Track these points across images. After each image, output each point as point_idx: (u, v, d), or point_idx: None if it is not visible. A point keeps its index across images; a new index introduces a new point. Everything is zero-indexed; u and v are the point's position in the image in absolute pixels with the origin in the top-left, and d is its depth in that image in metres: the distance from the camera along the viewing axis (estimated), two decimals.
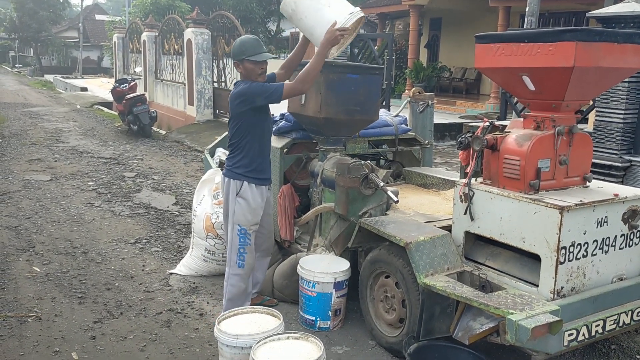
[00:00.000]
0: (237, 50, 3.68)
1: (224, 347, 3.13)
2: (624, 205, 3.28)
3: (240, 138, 3.78)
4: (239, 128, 3.76)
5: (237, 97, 3.69)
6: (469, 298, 3.09)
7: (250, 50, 3.65)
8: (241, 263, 3.88)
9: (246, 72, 3.70)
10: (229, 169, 3.86)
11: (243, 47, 3.66)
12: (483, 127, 3.60)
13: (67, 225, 6.31)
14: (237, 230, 3.84)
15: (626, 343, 3.84)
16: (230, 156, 3.88)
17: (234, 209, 3.82)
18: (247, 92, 3.64)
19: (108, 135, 13.13)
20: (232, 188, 3.82)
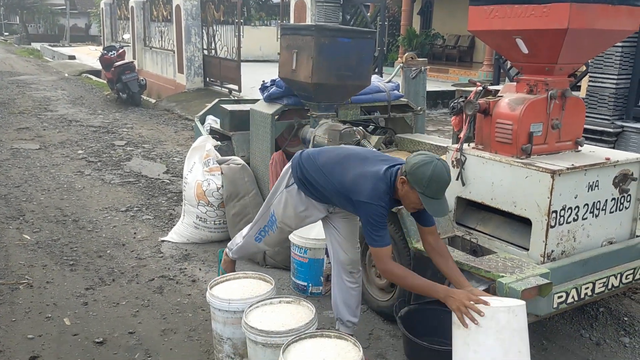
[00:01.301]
0: (420, 178, 2.67)
1: (217, 312, 3.14)
2: (615, 169, 3.29)
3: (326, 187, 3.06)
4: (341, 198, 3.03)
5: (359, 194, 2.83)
6: (460, 262, 3.10)
7: (431, 193, 2.69)
8: (259, 238, 3.52)
9: (404, 193, 2.78)
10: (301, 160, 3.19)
11: (430, 182, 2.66)
12: (476, 92, 3.56)
13: (57, 193, 6.27)
14: (271, 214, 3.40)
15: (614, 306, 3.90)
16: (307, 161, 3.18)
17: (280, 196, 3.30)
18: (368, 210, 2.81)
19: (97, 103, 12.98)
20: (287, 177, 3.27)
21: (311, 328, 2.86)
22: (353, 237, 3.34)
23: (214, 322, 3.20)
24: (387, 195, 2.82)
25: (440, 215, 2.83)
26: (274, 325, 2.84)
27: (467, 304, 2.51)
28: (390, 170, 2.86)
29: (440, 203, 2.74)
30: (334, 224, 3.30)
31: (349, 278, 3.31)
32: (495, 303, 2.50)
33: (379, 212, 2.79)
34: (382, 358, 3.32)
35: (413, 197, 2.74)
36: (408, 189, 2.74)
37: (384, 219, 2.81)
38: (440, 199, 2.73)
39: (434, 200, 2.70)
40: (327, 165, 3.07)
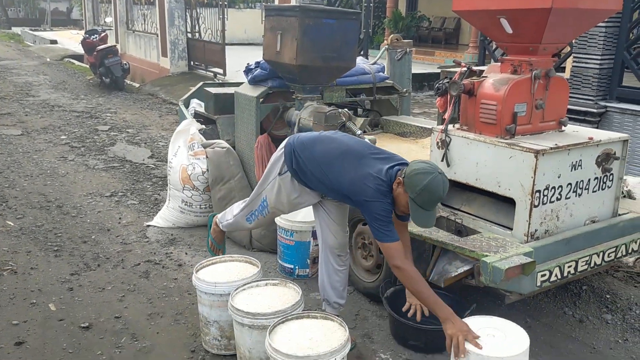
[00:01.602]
0: (415, 185, 2.68)
1: (203, 295, 3.14)
2: (598, 149, 3.31)
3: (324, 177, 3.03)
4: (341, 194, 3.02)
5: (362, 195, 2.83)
6: (445, 242, 3.12)
7: (426, 201, 2.70)
8: (250, 219, 3.50)
9: (397, 194, 2.80)
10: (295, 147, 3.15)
11: (422, 191, 2.67)
12: (460, 72, 3.55)
13: (41, 179, 6.20)
14: (262, 199, 3.37)
15: (597, 284, 3.95)
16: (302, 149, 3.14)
17: (272, 184, 3.27)
18: (373, 206, 2.80)
19: (80, 88, 12.80)
20: (280, 164, 3.22)
21: (297, 309, 2.87)
22: (343, 221, 3.34)
23: (200, 306, 3.20)
24: (388, 195, 2.82)
25: (423, 226, 2.85)
26: (260, 307, 2.85)
27: (461, 340, 2.50)
28: (391, 170, 2.86)
29: (427, 215, 2.75)
30: (325, 208, 3.29)
31: (336, 261, 3.31)
32: (494, 351, 2.39)
33: (385, 207, 2.79)
34: (369, 338, 3.34)
35: (403, 201, 2.76)
36: (401, 192, 2.75)
37: (389, 214, 2.82)
38: (429, 210, 2.73)
39: (421, 209, 2.71)
40: (324, 160, 3.02)
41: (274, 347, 2.50)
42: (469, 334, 2.51)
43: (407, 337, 3.22)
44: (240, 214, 3.56)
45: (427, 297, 2.76)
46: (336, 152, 3.02)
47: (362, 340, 3.32)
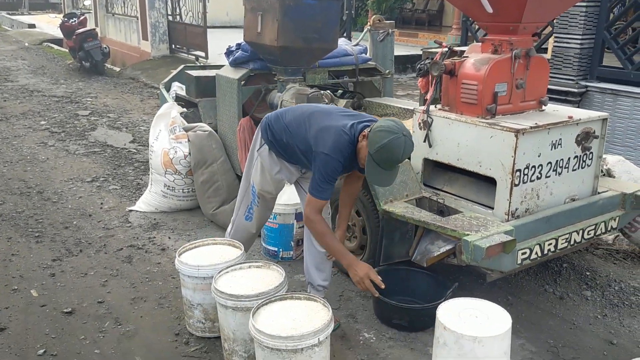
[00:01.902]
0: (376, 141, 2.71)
1: (186, 278, 3.13)
2: (578, 128, 3.34)
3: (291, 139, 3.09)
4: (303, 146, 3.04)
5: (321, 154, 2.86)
6: (427, 222, 3.14)
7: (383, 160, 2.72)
8: (249, 217, 3.46)
9: (360, 147, 2.84)
10: (269, 120, 3.21)
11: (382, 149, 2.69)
12: (442, 53, 3.55)
13: (20, 165, 6.11)
14: (252, 186, 3.36)
15: (577, 261, 4.01)
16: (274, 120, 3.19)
17: (256, 163, 3.29)
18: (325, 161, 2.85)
19: (59, 73, 12.59)
20: (258, 140, 3.25)
21: (281, 291, 2.87)
22: None
23: (183, 289, 3.20)
24: (348, 149, 2.86)
25: (376, 184, 2.92)
26: (243, 290, 2.85)
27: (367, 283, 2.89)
28: (357, 125, 2.90)
29: (383, 174, 2.78)
30: (305, 189, 3.29)
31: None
32: (477, 332, 2.42)
33: (334, 166, 2.85)
34: (353, 318, 3.37)
35: (364, 154, 2.81)
36: (364, 145, 2.80)
37: (335, 175, 2.89)
38: (385, 170, 2.76)
39: (377, 167, 2.74)
40: (293, 123, 3.07)
41: (257, 329, 2.50)
42: (371, 275, 2.88)
43: (391, 316, 3.25)
44: (238, 215, 3.50)
45: (334, 249, 3.01)
46: (305, 114, 3.08)
47: (346, 320, 3.34)
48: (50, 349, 3.04)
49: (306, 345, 2.46)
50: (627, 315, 3.44)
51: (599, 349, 3.12)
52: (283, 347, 2.45)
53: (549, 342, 3.17)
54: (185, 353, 3.04)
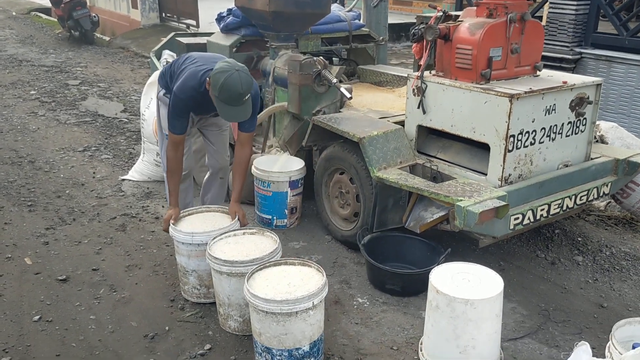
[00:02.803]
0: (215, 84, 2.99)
1: (180, 245, 3.13)
2: (572, 93, 3.32)
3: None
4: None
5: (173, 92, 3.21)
6: (420, 188, 3.14)
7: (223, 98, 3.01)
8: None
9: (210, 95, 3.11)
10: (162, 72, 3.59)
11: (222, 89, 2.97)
12: (436, 17, 3.50)
13: (11, 135, 6.05)
14: (165, 136, 3.49)
15: (569, 227, 4.04)
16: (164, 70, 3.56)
17: (160, 112, 3.61)
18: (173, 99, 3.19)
19: (48, 42, 12.38)
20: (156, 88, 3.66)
21: (275, 257, 2.89)
22: (223, 148, 3.80)
23: (178, 256, 3.21)
24: (193, 91, 3.14)
25: (232, 120, 3.25)
26: (238, 255, 2.87)
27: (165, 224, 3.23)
28: (207, 73, 3.14)
29: (232, 110, 3.06)
30: (207, 137, 3.74)
31: (220, 183, 3.86)
32: (470, 294, 2.46)
33: (180, 104, 3.16)
34: (347, 284, 3.39)
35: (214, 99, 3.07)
36: (211, 91, 3.05)
37: (183, 112, 3.20)
38: (233, 105, 3.03)
39: (227, 106, 3.03)
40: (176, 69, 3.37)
41: (252, 293, 2.52)
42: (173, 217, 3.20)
43: (384, 282, 3.28)
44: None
45: (170, 186, 3.34)
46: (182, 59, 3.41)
47: (340, 285, 3.37)
48: (46, 315, 3.05)
49: (301, 309, 2.48)
50: (617, 279, 3.48)
51: (589, 312, 3.17)
52: (278, 311, 2.47)
53: (540, 305, 3.21)
54: (180, 318, 3.06)
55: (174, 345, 2.85)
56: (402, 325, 3.00)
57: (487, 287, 2.51)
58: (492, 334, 2.53)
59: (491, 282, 2.56)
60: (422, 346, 2.75)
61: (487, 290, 2.49)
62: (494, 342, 2.57)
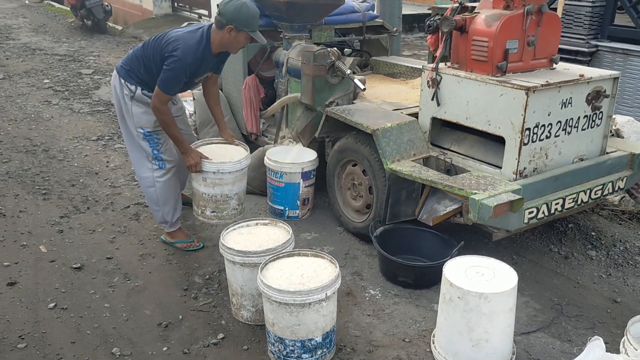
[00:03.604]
0: (239, 17, 3.17)
1: (210, 176, 3.33)
2: (589, 86, 3.29)
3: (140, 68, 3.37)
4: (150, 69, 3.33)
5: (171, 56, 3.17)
6: (434, 181, 3.13)
7: (253, 25, 3.23)
8: (162, 164, 3.53)
9: (232, 39, 3.24)
10: (126, 68, 3.39)
11: (248, 18, 3.19)
12: (452, 8, 3.47)
13: (25, 123, 6.09)
14: (142, 134, 3.44)
15: (583, 222, 4.02)
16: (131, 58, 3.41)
17: (134, 111, 3.40)
18: (176, 61, 3.16)
19: (61, 31, 12.43)
20: (124, 89, 3.38)
21: (288, 248, 2.90)
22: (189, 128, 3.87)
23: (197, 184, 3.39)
24: (198, 51, 3.20)
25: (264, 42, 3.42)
26: (251, 246, 2.88)
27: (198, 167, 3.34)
28: (204, 28, 3.29)
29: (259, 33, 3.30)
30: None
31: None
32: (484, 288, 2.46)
33: (185, 67, 3.19)
34: (359, 276, 3.40)
35: (242, 39, 3.24)
36: (235, 34, 3.20)
37: (183, 74, 3.21)
38: (254, 31, 3.26)
39: (256, 33, 3.27)
40: (146, 50, 3.35)
41: (266, 284, 2.53)
42: (201, 157, 3.35)
43: (397, 274, 3.28)
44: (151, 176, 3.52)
45: (175, 135, 3.33)
46: (152, 39, 3.39)
47: (352, 277, 3.38)
48: (61, 302, 3.09)
49: (314, 300, 2.49)
50: (631, 274, 3.46)
51: (602, 307, 3.15)
52: (291, 302, 2.48)
53: (553, 299, 3.20)
54: (193, 307, 3.08)
55: (188, 334, 2.87)
56: (414, 318, 3.01)
57: (501, 281, 2.51)
58: (505, 328, 2.53)
59: (505, 275, 2.55)
60: (434, 339, 2.75)
61: (501, 284, 2.49)
62: (507, 336, 2.57)
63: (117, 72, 3.43)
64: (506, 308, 2.49)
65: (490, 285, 2.47)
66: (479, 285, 2.47)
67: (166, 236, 3.71)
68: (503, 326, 2.51)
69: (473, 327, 2.49)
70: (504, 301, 2.46)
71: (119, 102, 3.45)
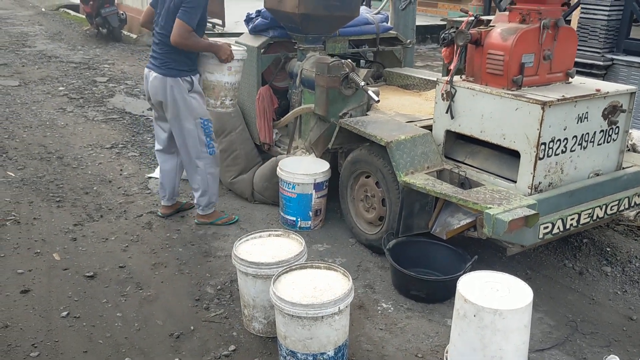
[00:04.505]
0: None
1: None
2: (605, 101, 3.27)
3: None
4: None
5: None
6: (448, 194, 3.12)
7: None
8: (213, 150, 4.02)
9: None
10: (172, 67, 3.74)
11: None
12: (467, 22, 3.47)
13: (40, 130, 6.15)
14: (202, 123, 3.89)
15: (597, 237, 3.98)
16: (166, 53, 3.74)
17: (192, 104, 3.81)
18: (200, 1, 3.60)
19: (76, 39, 12.56)
20: (182, 86, 3.76)
21: (301, 260, 2.89)
22: None
23: None
24: None
25: None
26: (263, 257, 2.87)
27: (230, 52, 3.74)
28: None
29: None
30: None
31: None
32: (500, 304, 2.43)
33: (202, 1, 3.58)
34: (371, 288, 3.38)
35: None
36: None
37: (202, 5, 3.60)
38: None
39: None
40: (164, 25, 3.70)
41: (278, 296, 2.52)
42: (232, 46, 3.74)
43: (409, 288, 3.26)
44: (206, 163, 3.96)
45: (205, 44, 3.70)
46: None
47: (365, 290, 3.36)
48: (74, 311, 3.10)
49: (327, 314, 2.48)
50: None
51: (618, 324, 3.11)
52: (304, 315, 2.47)
53: (568, 316, 3.16)
54: (205, 318, 3.08)
55: (199, 345, 2.87)
56: (427, 333, 2.98)
57: (516, 297, 2.48)
58: (520, 345, 2.50)
59: (520, 292, 2.53)
60: (447, 355, 2.72)
61: (516, 300, 2.46)
62: (522, 353, 2.54)
63: (164, 75, 3.73)
64: (521, 325, 2.46)
65: (505, 302, 2.44)
66: (494, 301, 2.44)
67: (203, 219, 4.08)
68: (518, 343, 2.48)
69: (487, 344, 2.46)
70: (519, 318, 2.43)
71: (175, 103, 3.77)
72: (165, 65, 3.73)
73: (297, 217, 4.10)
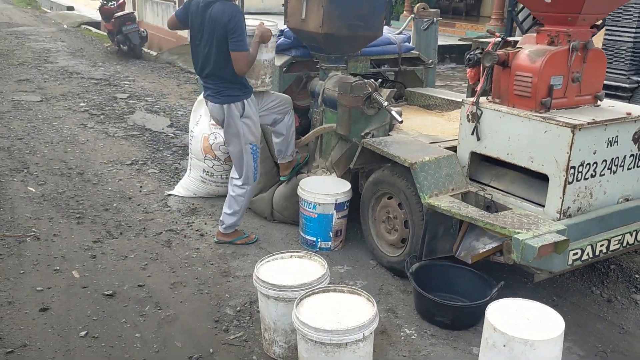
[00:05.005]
0: None
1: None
2: (636, 125, 3.19)
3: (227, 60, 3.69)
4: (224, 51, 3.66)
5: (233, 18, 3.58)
6: (474, 218, 3.05)
7: None
8: (256, 177, 4.08)
9: None
10: (226, 95, 3.78)
11: None
12: (494, 43, 3.43)
13: (61, 146, 6.19)
14: (250, 149, 3.92)
15: (625, 263, 3.87)
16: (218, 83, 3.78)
17: (243, 130, 3.85)
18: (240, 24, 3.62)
19: (97, 55, 12.73)
20: (233, 112, 3.80)
21: (323, 283, 2.84)
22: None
23: None
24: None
25: None
26: (285, 280, 2.82)
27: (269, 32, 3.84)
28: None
29: None
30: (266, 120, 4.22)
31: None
32: (532, 334, 2.35)
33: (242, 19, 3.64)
34: (393, 313, 3.31)
35: None
36: None
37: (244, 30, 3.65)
38: None
39: None
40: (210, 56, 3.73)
41: (301, 321, 2.47)
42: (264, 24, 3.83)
43: (434, 313, 3.18)
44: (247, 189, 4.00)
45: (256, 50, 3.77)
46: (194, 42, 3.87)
47: (387, 314, 3.29)
48: (92, 330, 3.06)
49: (351, 340, 2.41)
50: None
51: None
52: (327, 341, 2.41)
53: (597, 346, 3.06)
54: (224, 340, 3.02)
55: None
56: None
57: (548, 327, 2.40)
58: None
59: (551, 321, 2.44)
60: None
61: (548, 330, 2.38)
62: None
63: (220, 103, 3.80)
64: (553, 356, 2.37)
65: (537, 332, 2.36)
66: (525, 331, 2.36)
67: (224, 237, 4.07)
68: None
69: None
70: (551, 349, 2.35)
71: (229, 128, 3.86)
72: (220, 94, 3.80)
73: (317, 237, 4.04)
